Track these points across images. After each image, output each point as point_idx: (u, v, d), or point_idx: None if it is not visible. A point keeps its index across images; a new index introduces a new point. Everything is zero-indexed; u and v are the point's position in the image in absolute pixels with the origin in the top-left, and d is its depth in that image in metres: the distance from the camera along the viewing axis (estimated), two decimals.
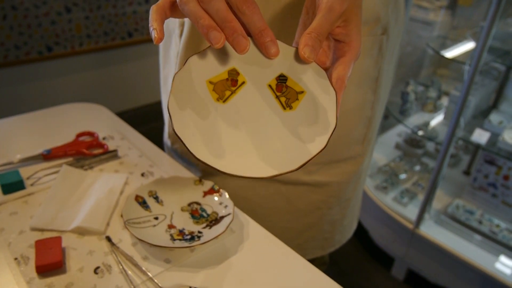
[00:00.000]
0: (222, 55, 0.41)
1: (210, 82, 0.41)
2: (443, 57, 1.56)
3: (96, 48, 2.39)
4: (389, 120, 1.98)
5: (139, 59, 2.62)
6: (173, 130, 0.38)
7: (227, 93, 0.41)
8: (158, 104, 2.32)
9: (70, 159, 0.73)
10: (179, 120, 0.38)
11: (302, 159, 0.38)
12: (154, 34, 0.39)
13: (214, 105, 0.41)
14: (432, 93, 1.81)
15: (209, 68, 0.41)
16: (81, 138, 0.79)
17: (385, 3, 0.61)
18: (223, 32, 0.37)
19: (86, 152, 0.74)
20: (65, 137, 0.78)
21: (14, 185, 0.64)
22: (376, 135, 0.78)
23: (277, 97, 0.41)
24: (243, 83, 0.41)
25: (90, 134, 0.80)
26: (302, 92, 0.41)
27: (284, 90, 0.41)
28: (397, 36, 0.70)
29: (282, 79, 0.41)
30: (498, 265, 1.39)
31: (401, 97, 1.76)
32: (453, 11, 2.00)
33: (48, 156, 0.72)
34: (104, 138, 0.80)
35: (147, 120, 2.41)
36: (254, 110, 0.41)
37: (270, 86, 0.41)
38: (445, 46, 1.75)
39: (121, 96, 2.64)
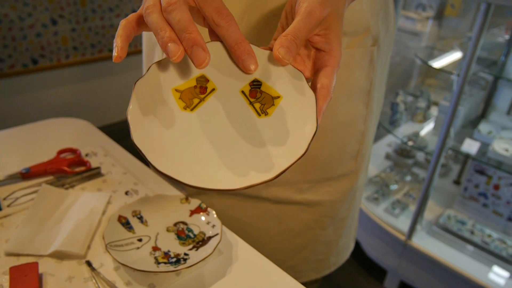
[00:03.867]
0: (190, 61, 0.38)
1: (176, 90, 0.38)
2: (431, 67, 1.56)
3: (83, 60, 2.36)
4: (379, 130, 1.98)
5: (127, 71, 2.59)
6: (132, 140, 0.34)
7: (196, 101, 0.38)
8: None
9: (50, 177, 0.70)
10: (140, 129, 0.35)
11: (280, 166, 0.34)
12: (114, 51, 0.36)
13: (181, 114, 0.38)
14: (422, 103, 1.81)
15: (175, 75, 0.38)
16: (63, 155, 0.75)
17: (374, 13, 0.60)
18: (182, 44, 0.34)
19: (67, 170, 0.71)
20: (46, 154, 0.75)
21: None
22: (371, 151, 0.76)
23: (251, 103, 0.38)
24: (213, 90, 0.39)
25: (72, 150, 0.77)
26: (278, 97, 0.38)
27: (259, 96, 0.38)
28: (388, 47, 0.68)
29: (256, 84, 0.39)
30: (491, 276, 1.37)
31: (391, 107, 1.76)
32: (439, 21, 2.02)
33: (27, 174, 0.69)
34: (86, 155, 0.77)
35: None
36: (226, 118, 0.38)
37: (243, 92, 0.39)
38: (433, 56, 1.76)
39: (109, 109, 2.61)
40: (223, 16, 0.36)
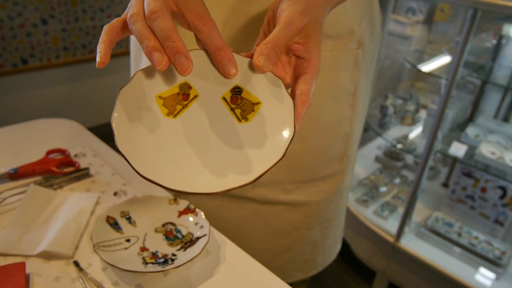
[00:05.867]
0: (173, 69, 0.39)
1: (160, 97, 0.39)
2: (420, 71, 1.58)
3: (73, 60, 2.35)
4: (368, 133, 2.00)
5: (116, 72, 2.58)
6: (116, 145, 0.35)
7: (178, 107, 0.39)
8: None
9: (38, 178, 0.70)
10: (123, 136, 0.36)
11: (259, 170, 0.36)
12: (98, 57, 0.37)
13: (164, 120, 0.39)
14: (411, 107, 1.83)
15: (158, 82, 0.39)
16: (51, 156, 0.75)
17: (359, 16, 0.61)
18: (166, 52, 0.35)
19: (56, 170, 0.71)
20: (34, 154, 0.75)
21: None
22: (356, 152, 0.77)
23: (231, 109, 0.40)
24: (195, 96, 0.40)
25: (61, 151, 0.77)
26: (258, 103, 0.39)
27: (239, 102, 0.39)
28: (374, 50, 0.69)
29: (237, 91, 0.40)
30: (478, 277, 1.39)
31: (380, 110, 1.78)
32: (429, 26, 2.04)
33: (15, 175, 0.69)
34: (75, 155, 0.77)
35: None
36: (207, 124, 0.39)
37: (224, 98, 0.40)
38: (422, 60, 1.78)
39: (99, 109, 2.60)
40: (204, 22, 0.37)
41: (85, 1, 2.26)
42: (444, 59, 1.71)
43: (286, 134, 0.37)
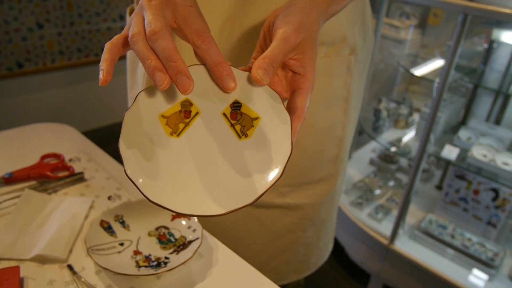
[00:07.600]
0: (174, 86, 0.40)
1: (163, 116, 0.40)
2: (413, 75, 1.60)
3: (69, 64, 2.35)
4: (363, 136, 2.01)
5: (113, 76, 2.58)
6: (125, 173, 0.36)
7: (181, 126, 0.40)
8: None
9: (33, 182, 0.71)
10: (132, 161, 0.37)
11: (259, 190, 0.37)
12: (100, 75, 0.38)
13: (168, 140, 0.39)
14: (404, 110, 1.84)
15: (160, 101, 0.40)
16: (46, 160, 0.76)
17: (351, 23, 0.62)
18: (168, 72, 0.36)
19: (50, 175, 0.71)
20: (29, 159, 0.76)
21: None
22: (348, 155, 0.78)
23: (232, 125, 0.40)
24: (197, 113, 0.40)
25: (56, 156, 0.77)
26: (257, 118, 0.40)
27: (239, 117, 0.40)
28: (366, 55, 0.71)
29: (236, 106, 0.40)
30: (471, 279, 1.40)
31: (374, 114, 1.79)
32: (422, 30, 2.07)
33: (9, 179, 0.69)
34: (70, 160, 0.78)
35: (117, 139, 2.37)
36: (208, 142, 0.40)
37: (224, 114, 0.40)
38: (416, 64, 1.80)
39: (94, 114, 2.60)
40: (203, 39, 0.38)
41: (81, 5, 2.27)
42: (437, 63, 1.73)
43: (284, 152, 0.38)
